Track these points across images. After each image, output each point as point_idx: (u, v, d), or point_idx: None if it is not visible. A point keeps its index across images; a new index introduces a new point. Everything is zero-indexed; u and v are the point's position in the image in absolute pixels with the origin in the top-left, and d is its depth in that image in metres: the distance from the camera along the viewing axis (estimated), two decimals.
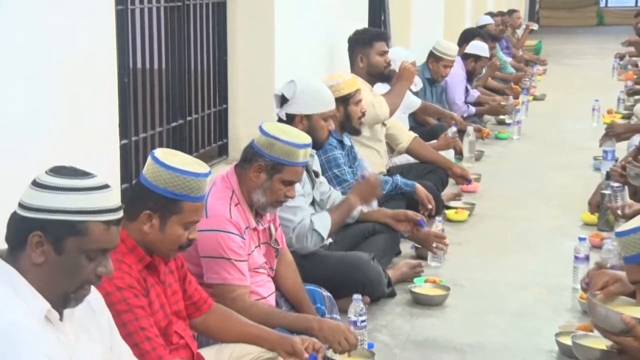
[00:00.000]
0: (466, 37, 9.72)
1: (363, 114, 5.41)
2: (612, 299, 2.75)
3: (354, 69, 6.24)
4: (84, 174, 2.30)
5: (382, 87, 6.51)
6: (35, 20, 3.09)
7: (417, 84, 6.98)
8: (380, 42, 6.31)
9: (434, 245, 5.17)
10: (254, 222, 3.79)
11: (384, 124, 6.26)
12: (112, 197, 2.32)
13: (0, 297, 2.22)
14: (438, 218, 5.53)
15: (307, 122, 4.59)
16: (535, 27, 15.95)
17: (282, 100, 4.65)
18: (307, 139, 3.83)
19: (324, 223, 4.49)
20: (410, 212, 5.07)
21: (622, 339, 2.61)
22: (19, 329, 2.17)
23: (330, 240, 4.54)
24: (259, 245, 3.85)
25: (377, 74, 6.27)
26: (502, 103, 9.80)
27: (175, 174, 2.90)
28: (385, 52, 6.31)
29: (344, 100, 5.18)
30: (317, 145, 4.70)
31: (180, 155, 3.09)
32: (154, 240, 2.96)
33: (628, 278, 2.68)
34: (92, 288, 2.43)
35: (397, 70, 6.42)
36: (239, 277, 3.63)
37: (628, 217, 4.18)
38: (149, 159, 2.97)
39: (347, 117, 5.23)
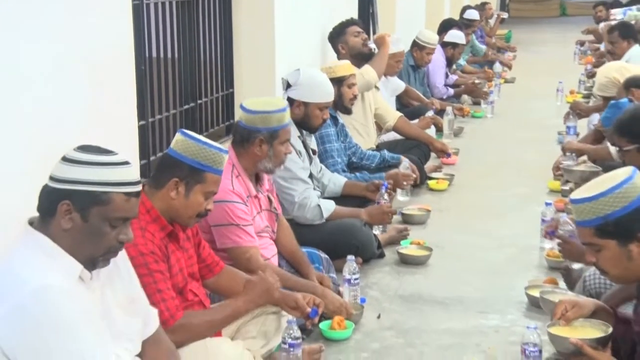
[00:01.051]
0: (445, 26, 9.71)
1: (355, 97, 5.40)
2: (572, 321, 2.73)
3: (339, 57, 6.25)
4: (107, 152, 2.34)
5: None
6: (63, 15, 3.06)
7: (395, 43, 6.94)
8: (351, 27, 6.38)
9: (404, 182, 5.41)
10: (254, 190, 3.82)
11: (376, 87, 6.27)
12: (132, 172, 2.36)
13: (33, 262, 2.23)
14: (406, 160, 5.63)
15: (304, 109, 4.59)
16: (505, 15, 15.94)
17: (287, 85, 4.65)
18: (283, 103, 3.92)
19: (327, 206, 4.55)
20: (377, 181, 5.04)
21: (578, 359, 2.60)
22: (53, 290, 2.18)
23: (324, 220, 4.53)
24: (260, 212, 3.86)
25: (358, 54, 6.28)
26: (477, 81, 9.94)
27: (204, 147, 2.99)
28: (359, 33, 6.38)
29: (338, 81, 5.17)
30: (310, 130, 4.72)
31: (201, 136, 3.14)
32: (178, 206, 2.99)
33: (580, 239, 2.66)
34: None
35: (375, 48, 6.52)
36: (248, 239, 3.65)
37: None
38: (178, 135, 3.05)
39: (339, 97, 5.20)
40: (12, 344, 2.13)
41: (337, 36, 6.37)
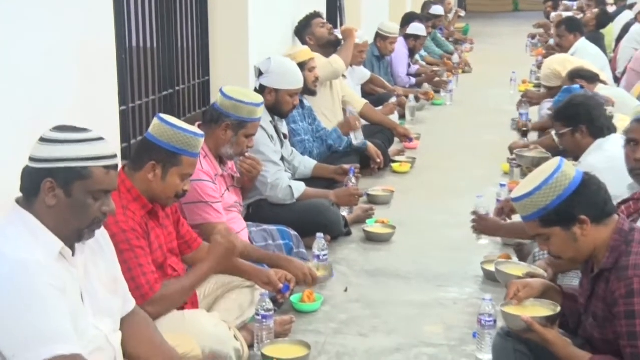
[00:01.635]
0: (407, 20, 9.69)
1: (317, 79, 5.40)
2: (524, 302, 2.75)
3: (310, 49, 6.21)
4: (83, 130, 2.32)
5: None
6: (49, 7, 3.03)
7: (361, 37, 6.95)
8: (316, 19, 6.39)
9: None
10: (220, 169, 3.83)
11: (344, 76, 6.29)
12: (108, 147, 2.34)
13: (16, 237, 2.21)
14: (350, 108, 5.88)
15: (275, 95, 4.58)
16: (462, 13, 16.00)
17: (259, 73, 4.63)
18: (259, 99, 3.87)
19: (298, 187, 4.56)
20: (346, 166, 5.07)
21: (528, 335, 2.61)
22: (29, 264, 2.15)
23: (295, 200, 4.52)
24: (227, 189, 3.88)
25: (325, 43, 6.28)
26: (435, 69, 9.98)
27: (178, 131, 2.97)
28: (324, 24, 6.40)
29: (300, 66, 5.12)
30: (281, 115, 4.72)
31: (180, 121, 3.11)
32: (155, 188, 2.98)
33: (528, 232, 2.67)
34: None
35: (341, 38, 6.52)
36: (217, 215, 3.65)
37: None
38: (156, 120, 3.02)
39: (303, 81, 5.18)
40: None
41: (303, 29, 6.36)
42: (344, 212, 4.88)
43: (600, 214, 2.50)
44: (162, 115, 3.05)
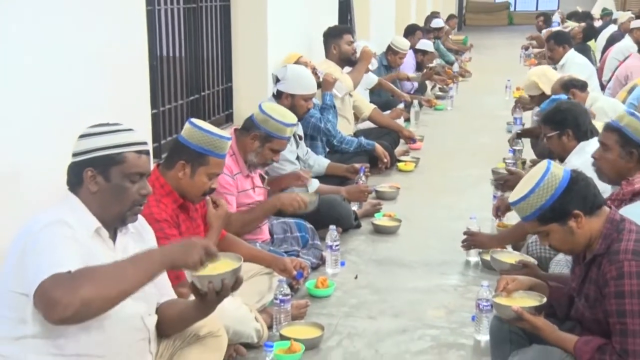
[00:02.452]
0: (409, 31, 9.73)
1: (314, 70, 5.39)
2: (513, 295, 2.74)
3: (328, 55, 6.18)
4: (114, 124, 2.37)
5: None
6: (89, 20, 3.05)
7: (373, 63, 6.94)
8: (348, 35, 6.27)
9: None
10: (247, 171, 3.80)
11: (350, 95, 6.21)
12: (138, 135, 2.37)
13: (56, 211, 2.24)
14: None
15: (290, 100, 4.56)
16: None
17: (276, 80, 4.63)
18: (294, 120, 3.85)
19: (313, 184, 4.56)
20: (357, 165, 5.09)
21: (518, 323, 2.60)
22: (60, 222, 2.17)
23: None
24: (253, 188, 3.85)
25: (346, 59, 6.21)
26: (430, 65, 9.90)
27: (206, 134, 2.98)
28: (352, 42, 6.28)
29: None
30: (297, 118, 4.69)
31: (210, 125, 3.12)
32: (185, 185, 3.00)
33: (529, 231, 2.67)
34: (140, 218, 2.45)
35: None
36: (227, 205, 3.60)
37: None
38: (187, 124, 3.04)
39: None
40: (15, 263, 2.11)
41: (332, 37, 6.19)
42: (354, 207, 4.88)
43: (591, 207, 2.50)
44: (193, 120, 3.07)
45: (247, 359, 3.08)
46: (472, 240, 4.16)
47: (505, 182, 4.81)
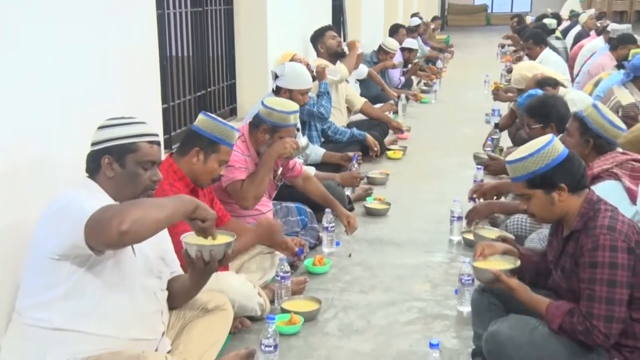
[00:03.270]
0: (393, 30, 9.71)
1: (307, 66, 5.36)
2: (488, 257, 2.74)
3: (319, 55, 6.19)
4: (129, 117, 2.40)
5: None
6: (105, 24, 3.04)
7: (362, 46, 6.92)
8: (328, 31, 6.28)
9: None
10: (257, 159, 3.75)
11: (347, 81, 6.20)
12: (150, 127, 2.40)
13: (78, 192, 2.26)
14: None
15: (289, 94, 4.53)
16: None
17: (275, 77, 4.60)
18: (295, 107, 3.80)
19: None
20: (350, 153, 5.10)
21: (495, 284, 2.61)
22: (79, 193, 2.22)
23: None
24: None
25: (334, 53, 6.18)
26: (415, 61, 9.87)
27: (219, 124, 3.01)
28: (335, 36, 6.28)
29: None
30: None
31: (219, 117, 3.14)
32: (197, 170, 3.00)
33: (515, 191, 2.67)
34: None
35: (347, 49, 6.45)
36: (239, 174, 3.58)
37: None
38: (201, 115, 3.07)
39: None
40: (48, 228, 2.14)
41: (317, 38, 6.26)
42: (348, 192, 4.87)
43: (576, 185, 2.51)
44: (206, 112, 3.08)
45: (251, 331, 3.08)
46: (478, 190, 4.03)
47: (486, 166, 4.82)
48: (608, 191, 2.98)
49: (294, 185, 4.07)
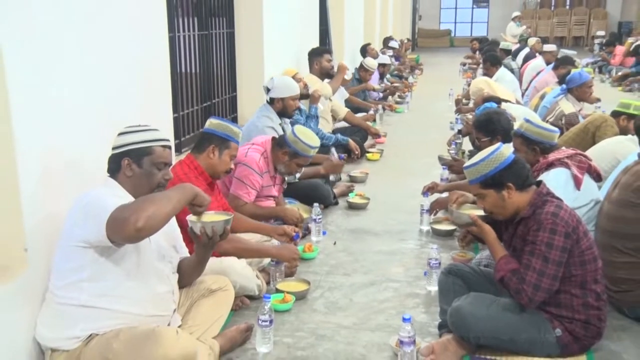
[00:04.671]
0: (362, 50, 9.83)
1: (305, 85, 5.34)
2: (461, 206, 2.78)
3: (311, 70, 6.18)
4: (144, 125, 2.41)
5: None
6: (125, 45, 3.02)
7: (348, 74, 6.98)
8: (327, 54, 6.31)
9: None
10: (273, 172, 3.77)
11: (330, 99, 6.18)
12: (162, 133, 2.42)
13: (101, 189, 2.27)
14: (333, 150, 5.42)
15: (282, 103, 4.52)
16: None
17: (267, 90, 4.58)
18: (318, 143, 3.76)
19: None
20: (334, 158, 5.06)
21: (471, 229, 2.67)
22: (102, 191, 2.23)
23: (297, 179, 4.49)
24: (274, 185, 3.83)
25: (325, 73, 6.23)
26: (396, 85, 10.04)
27: (229, 125, 3.10)
28: (330, 60, 6.29)
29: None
30: (288, 116, 4.65)
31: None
32: (214, 164, 3.05)
33: (472, 193, 2.70)
34: None
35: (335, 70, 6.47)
36: (246, 196, 3.60)
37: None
38: (212, 119, 3.16)
39: None
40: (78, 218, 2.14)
41: (315, 55, 6.25)
42: (335, 190, 4.86)
43: (522, 184, 2.55)
44: (216, 116, 3.19)
45: (250, 308, 3.07)
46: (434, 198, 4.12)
47: (450, 166, 4.84)
48: (559, 176, 3.06)
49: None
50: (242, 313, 3.02)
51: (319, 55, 6.21)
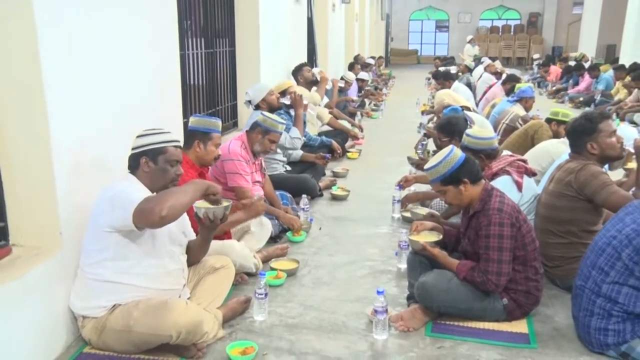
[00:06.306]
0: (350, 65, 9.79)
1: (300, 96, 5.25)
2: (420, 232, 2.78)
3: (298, 83, 6.15)
4: (159, 128, 2.40)
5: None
6: (143, 61, 2.97)
7: (329, 84, 6.87)
8: (305, 67, 6.30)
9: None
10: (253, 159, 3.73)
11: (319, 105, 6.18)
12: (174, 136, 2.40)
13: (123, 183, 2.25)
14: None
15: (265, 103, 4.46)
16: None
17: (249, 102, 4.52)
18: (283, 121, 3.73)
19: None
20: (322, 154, 5.06)
21: (423, 252, 2.67)
22: (125, 185, 2.22)
23: (289, 168, 4.47)
24: (256, 171, 3.79)
25: (309, 82, 6.20)
26: (367, 88, 10.02)
27: (206, 119, 2.99)
28: (309, 70, 6.29)
29: (283, 92, 5.06)
30: (277, 109, 4.56)
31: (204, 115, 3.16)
32: (202, 155, 2.97)
33: (433, 189, 2.69)
34: None
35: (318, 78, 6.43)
36: (246, 183, 3.56)
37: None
38: (192, 117, 3.04)
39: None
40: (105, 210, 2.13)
41: (297, 71, 6.27)
42: (320, 184, 4.84)
43: (475, 178, 2.56)
44: (195, 114, 3.08)
45: (248, 283, 3.06)
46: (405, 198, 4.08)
47: (417, 165, 4.86)
48: (503, 184, 3.05)
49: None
50: (241, 287, 3.02)
51: (300, 70, 6.25)
